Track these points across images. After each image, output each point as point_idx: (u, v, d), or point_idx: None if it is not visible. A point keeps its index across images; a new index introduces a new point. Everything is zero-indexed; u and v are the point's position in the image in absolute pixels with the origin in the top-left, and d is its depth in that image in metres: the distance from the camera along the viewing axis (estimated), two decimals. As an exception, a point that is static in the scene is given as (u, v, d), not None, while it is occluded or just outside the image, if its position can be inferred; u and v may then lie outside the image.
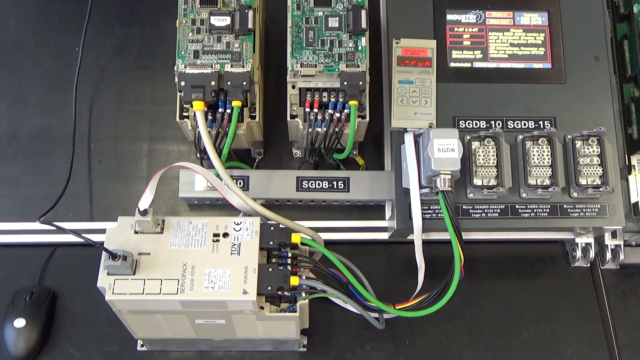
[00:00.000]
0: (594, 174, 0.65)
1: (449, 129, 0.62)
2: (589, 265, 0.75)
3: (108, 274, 0.57)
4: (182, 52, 0.63)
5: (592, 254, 0.73)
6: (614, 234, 0.73)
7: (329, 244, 0.62)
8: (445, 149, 0.61)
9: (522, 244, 0.75)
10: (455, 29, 0.70)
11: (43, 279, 0.73)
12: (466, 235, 0.67)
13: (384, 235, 0.73)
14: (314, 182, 0.71)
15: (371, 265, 0.72)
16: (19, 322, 0.68)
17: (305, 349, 0.69)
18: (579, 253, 0.73)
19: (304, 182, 0.71)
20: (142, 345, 0.69)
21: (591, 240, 0.73)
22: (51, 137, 0.76)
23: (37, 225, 0.71)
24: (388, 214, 0.73)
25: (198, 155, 0.70)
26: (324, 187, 0.71)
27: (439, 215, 0.66)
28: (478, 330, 0.72)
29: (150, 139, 0.76)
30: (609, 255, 0.73)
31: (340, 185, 0.71)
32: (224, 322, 0.61)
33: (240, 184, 0.69)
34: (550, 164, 0.65)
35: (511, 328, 0.72)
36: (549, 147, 0.66)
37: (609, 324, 0.72)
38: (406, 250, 0.69)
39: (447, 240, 0.63)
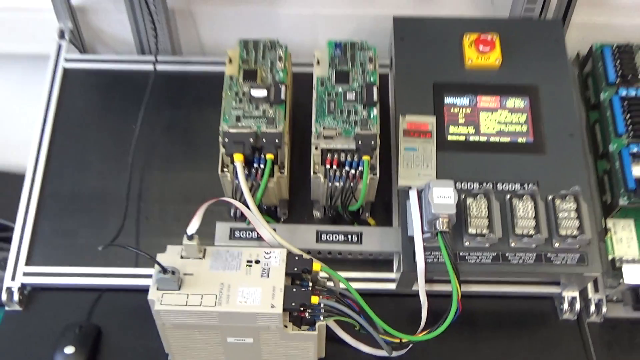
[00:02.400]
0: (572, 226, 0.76)
1: (446, 180, 0.74)
2: (575, 318, 0.83)
3: (157, 288, 0.67)
4: (227, 116, 0.77)
5: (577, 307, 0.82)
6: (596, 288, 0.83)
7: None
8: (443, 196, 0.73)
9: (516, 299, 0.84)
10: (452, 110, 0.85)
11: (90, 317, 0.82)
12: (465, 288, 0.77)
13: (392, 286, 0.83)
14: (331, 235, 0.82)
15: (379, 314, 0.81)
16: (69, 349, 0.77)
17: (321, 382, 0.77)
18: (565, 306, 0.82)
19: (322, 235, 0.82)
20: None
21: (576, 294, 0.83)
22: (106, 198, 0.89)
23: (90, 270, 0.84)
24: (396, 265, 0.83)
25: (232, 213, 0.83)
26: (340, 239, 0.82)
27: (439, 260, 0.76)
28: (477, 372, 0.80)
29: (190, 201, 0.88)
30: (593, 308, 0.82)
31: (354, 239, 0.82)
32: (252, 342, 0.70)
33: (268, 233, 0.81)
34: (534, 216, 0.77)
35: (507, 371, 0.80)
36: (532, 202, 0.77)
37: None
38: (412, 303, 0.79)
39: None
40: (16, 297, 0.82)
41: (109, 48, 1.05)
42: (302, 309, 0.67)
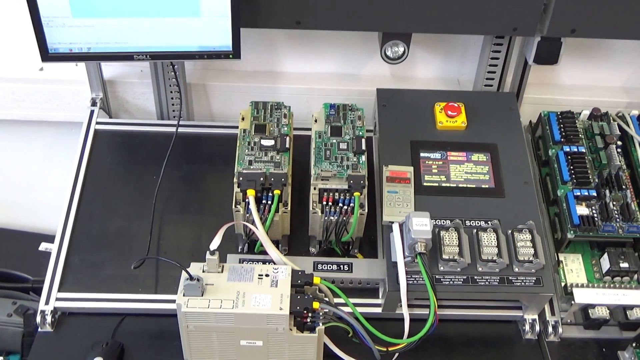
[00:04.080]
0: (528, 253, 0.91)
1: (423, 212, 0.90)
2: (536, 338, 0.97)
3: (184, 294, 0.80)
4: (241, 161, 0.93)
5: (537, 328, 0.96)
6: (552, 311, 0.97)
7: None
8: (421, 224, 0.88)
9: (485, 322, 0.98)
10: (427, 162, 1.01)
11: (114, 337, 0.94)
12: (440, 312, 0.91)
13: (378, 310, 0.96)
14: (326, 264, 0.97)
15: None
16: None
17: (318, 389, 0.89)
18: (527, 327, 0.96)
19: (318, 265, 0.96)
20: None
21: (536, 316, 0.96)
22: (130, 236, 1.02)
23: (114, 296, 0.96)
24: (381, 291, 0.96)
25: (239, 249, 0.98)
26: (333, 269, 0.96)
27: (419, 281, 0.90)
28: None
29: (202, 239, 1.02)
30: (550, 329, 0.96)
31: (346, 268, 0.97)
32: (261, 345, 0.82)
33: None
34: (496, 245, 0.92)
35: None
36: (495, 234, 0.93)
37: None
38: (395, 326, 0.92)
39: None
40: (49, 319, 0.94)
41: (130, 115, 1.21)
42: (305, 312, 0.80)
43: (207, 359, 0.85)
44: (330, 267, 0.97)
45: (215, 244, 0.82)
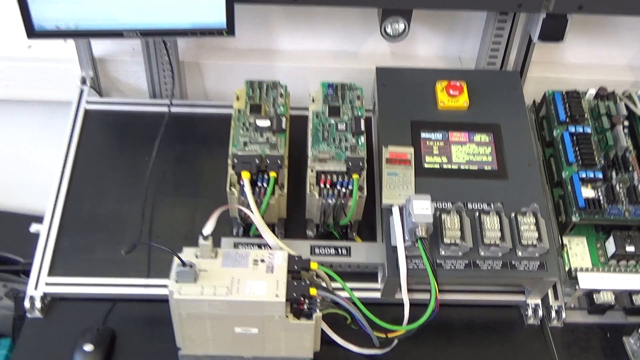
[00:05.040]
0: (532, 237, 0.88)
1: (424, 195, 0.87)
2: (539, 323, 0.94)
3: (177, 281, 0.77)
4: (236, 142, 0.89)
5: (540, 313, 0.93)
6: (556, 296, 0.94)
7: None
8: (422, 207, 0.85)
9: (487, 307, 0.96)
10: (427, 143, 0.98)
11: (105, 323, 0.91)
12: (441, 297, 0.88)
13: (377, 295, 0.94)
14: (324, 248, 0.94)
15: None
16: (88, 347, 0.86)
17: (316, 376, 0.87)
18: (530, 312, 0.94)
19: (316, 249, 0.94)
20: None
21: (539, 301, 0.94)
22: (122, 219, 0.99)
23: (105, 280, 0.94)
24: (380, 275, 0.94)
25: (235, 232, 0.95)
26: (331, 253, 0.94)
27: (419, 267, 0.88)
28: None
29: (196, 222, 0.99)
30: (554, 314, 0.93)
31: (344, 252, 0.94)
32: (257, 332, 0.80)
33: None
34: (499, 229, 0.89)
35: (479, 370, 0.91)
36: (498, 217, 0.90)
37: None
38: (395, 311, 0.89)
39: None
40: (38, 305, 0.91)
41: (122, 94, 1.18)
42: (302, 299, 0.78)
43: (201, 346, 0.83)
44: (328, 251, 0.94)
45: (208, 229, 0.79)
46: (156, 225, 0.99)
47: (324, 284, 0.83)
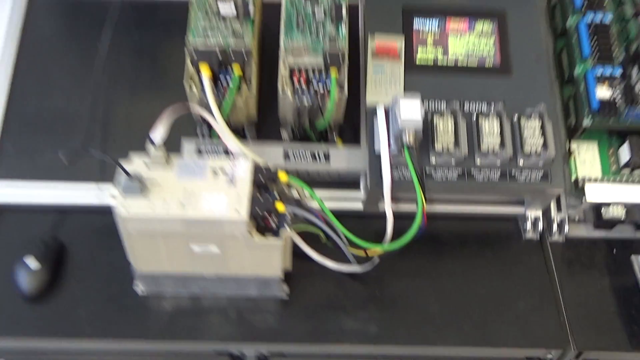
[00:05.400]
0: (536, 144, 0.77)
1: (413, 94, 0.75)
2: (538, 238, 0.85)
3: (122, 195, 0.67)
4: (194, 31, 0.76)
5: (540, 226, 0.84)
6: (559, 208, 0.84)
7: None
8: (410, 109, 0.73)
9: (481, 220, 0.86)
10: (421, 32, 0.85)
11: (53, 233, 0.81)
12: (430, 208, 0.78)
13: (359, 205, 0.84)
14: (299, 152, 0.82)
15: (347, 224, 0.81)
16: (32, 262, 0.76)
17: (287, 297, 0.78)
18: (529, 225, 0.84)
19: (290, 153, 0.82)
20: (140, 290, 0.77)
21: (539, 214, 0.84)
22: (72, 118, 0.87)
23: (54, 188, 0.83)
24: (362, 184, 0.83)
25: (200, 133, 0.83)
26: (307, 158, 0.82)
27: (405, 178, 0.77)
28: (441, 285, 0.81)
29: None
30: (555, 228, 0.84)
31: (322, 157, 0.83)
32: (217, 252, 0.70)
33: (235, 152, 0.81)
34: (499, 134, 0.77)
35: (470, 285, 0.81)
36: (498, 121, 0.78)
37: (555, 283, 0.81)
38: (378, 223, 0.79)
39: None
40: (-22, 215, 0.82)
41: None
42: (267, 215, 0.68)
43: (155, 264, 0.73)
44: (304, 155, 0.83)
45: (158, 134, 0.68)
46: (111, 125, 0.88)
47: (296, 197, 0.73)
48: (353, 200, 0.84)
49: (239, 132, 0.85)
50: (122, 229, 0.68)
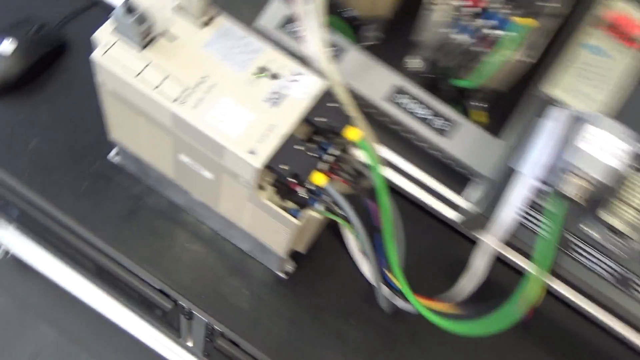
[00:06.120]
0: None
1: (621, 126, 0.43)
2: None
3: (113, 31, 0.42)
4: None
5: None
6: None
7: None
8: (604, 146, 0.43)
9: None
10: (695, 29, 0.51)
11: (60, 28, 0.59)
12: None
13: (450, 213, 0.55)
14: (412, 101, 0.54)
15: (419, 241, 0.54)
16: (6, 46, 0.55)
17: (285, 277, 0.53)
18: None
19: (399, 95, 0.54)
20: (116, 154, 0.54)
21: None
22: None
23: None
24: (472, 194, 0.55)
25: None
26: (420, 115, 0.54)
27: (536, 228, 0.48)
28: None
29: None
30: None
31: (441, 125, 0.54)
32: (210, 179, 0.45)
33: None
34: None
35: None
36: None
37: None
38: (462, 250, 0.52)
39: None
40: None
41: None
42: (292, 179, 0.41)
43: (132, 142, 0.49)
44: (417, 108, 0.54)
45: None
46: None
47: (355, 171, 0.45)
48: (447, 204, 0.55)
49: (356, 27, 0.57)
50: (96, 77, 0.44)
